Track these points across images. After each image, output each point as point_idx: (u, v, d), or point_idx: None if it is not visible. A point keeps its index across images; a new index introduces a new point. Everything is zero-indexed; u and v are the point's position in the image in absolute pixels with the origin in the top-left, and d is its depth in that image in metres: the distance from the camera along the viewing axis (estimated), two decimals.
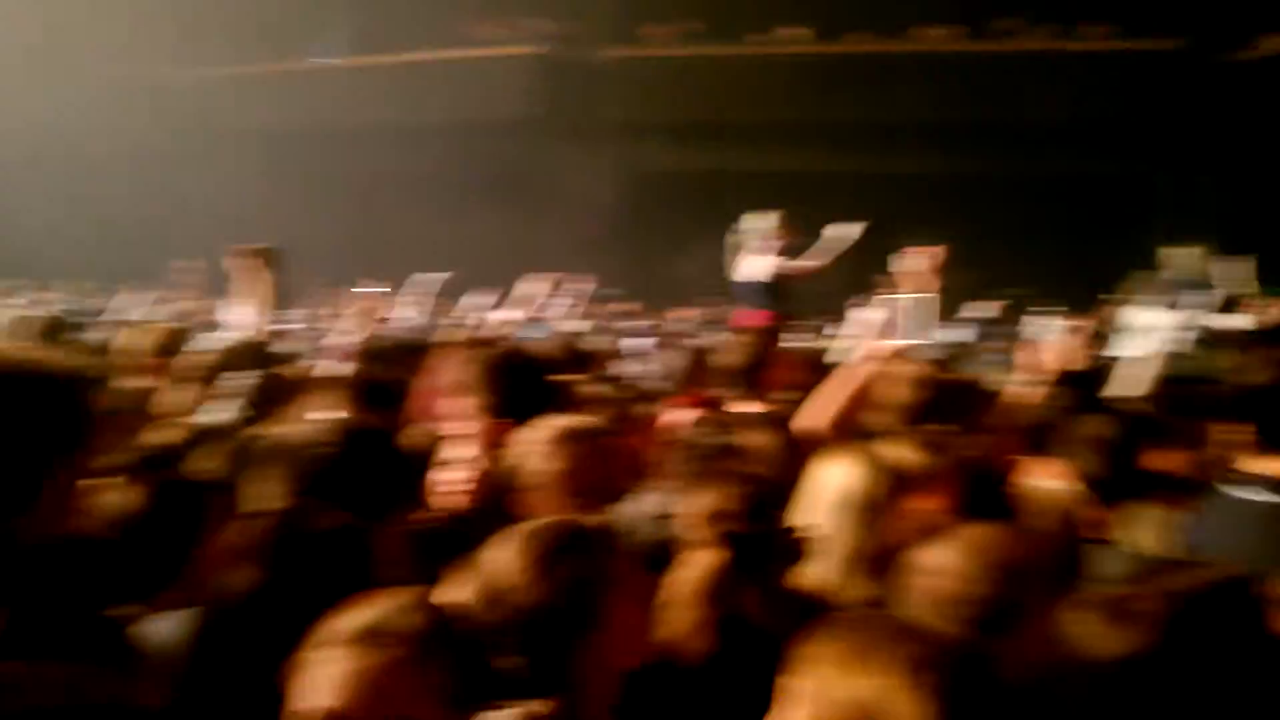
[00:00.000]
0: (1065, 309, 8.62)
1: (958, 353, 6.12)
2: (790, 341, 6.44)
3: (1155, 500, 2.58)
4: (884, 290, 4.16)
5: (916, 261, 3.84)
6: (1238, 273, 7.67)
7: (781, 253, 7.03)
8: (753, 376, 3.78)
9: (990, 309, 8.65)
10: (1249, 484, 2.10)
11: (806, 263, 7.06)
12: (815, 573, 2.25)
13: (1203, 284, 7.51)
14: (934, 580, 1.96)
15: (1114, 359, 5.43)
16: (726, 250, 7.38)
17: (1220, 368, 2.31)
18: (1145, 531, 2.47)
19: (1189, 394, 3.36)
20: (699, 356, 4.43)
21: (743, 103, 13.97)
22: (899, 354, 3.55)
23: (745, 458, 2.85)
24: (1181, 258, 7.80)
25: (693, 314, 9.18)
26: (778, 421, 3.31)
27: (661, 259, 13.05)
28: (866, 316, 3.97)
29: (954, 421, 3.47)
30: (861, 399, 3.27)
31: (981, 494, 2.46)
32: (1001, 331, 7.67)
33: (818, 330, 6.83)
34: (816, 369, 3.94)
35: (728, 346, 3.96)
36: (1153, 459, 2.84)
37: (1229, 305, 7.36)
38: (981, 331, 7.72)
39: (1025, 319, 7.81)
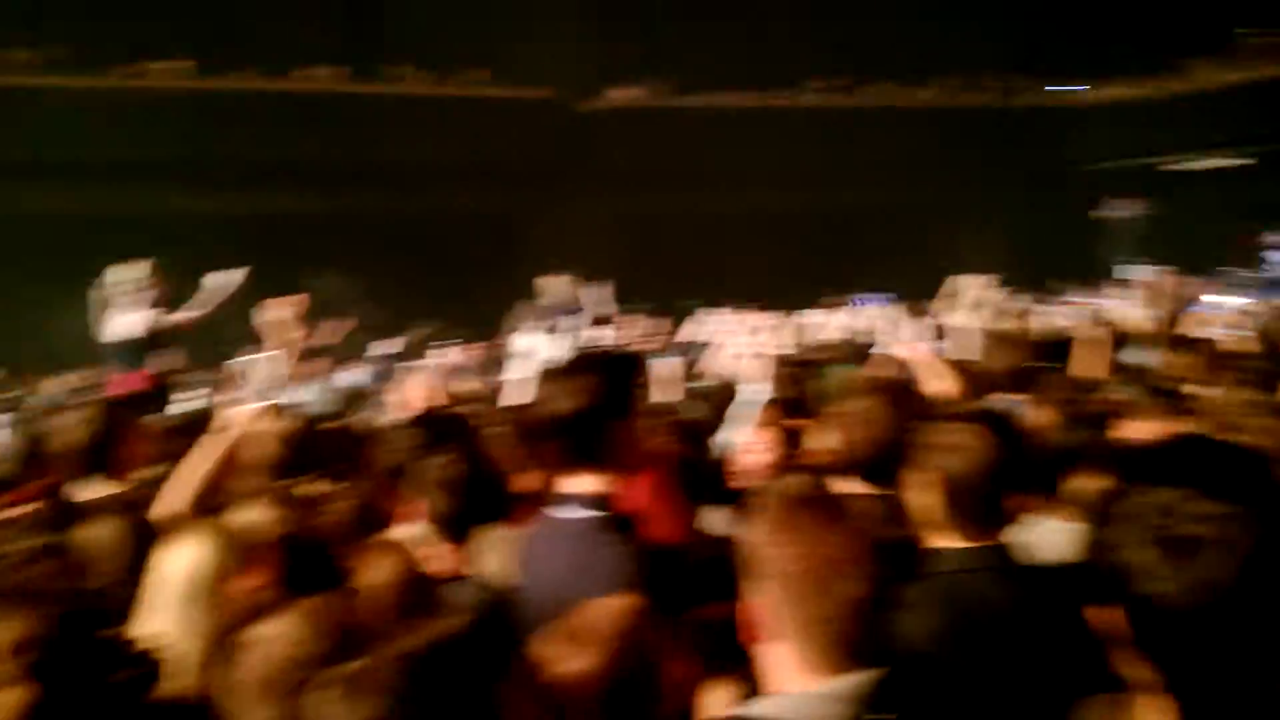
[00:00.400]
0: (465, 340, 9.13)
1: (355, 395, 6.10)
2: (175, 402, 5.94)
3: (504, 527, 2.75)
4: (257, 343, 3.97)
5: (278, 312, 3.71)
6: (600, 296, 8.74)
7: (155, 304, 6.45)
8: (102, 456, 3.36)
9: (395, 345, 8.82)
10: (565, 503, 2.31)
11: (184, 314, 6.56)
12: (167, 681, 2.02)
13: (574, 308, 8.43)
14: (267, 653, 1.87)
15: (502, 384, 5.83)
16: (93, 307, 6.58)
17: (577, 390, 2.46)
18: (495, 559, 2.62)
19: (541, 417, 3.67)
20: (43, 436, 3.84)
21: (109, 140, 12.59)
22: (265, 412, 3.39)
23: (77, 562, 2.50)
24: (554, 285, 8.67)
25: (65, 382, 8.05)
26: (130, 506, 2.98)
27: (22, 321, 11.23)
28: (240, 372, 3.75)
29: (328, 471, 3.42)
30: (226, 467, 3.06)
31: (323, 557, 2.42)
32: (405, 369, 7.85)
33: (208, 386, 6.38)
34: (186, 437, 3.61)
35: (69, 423, 3.46)
36: (511, 483, 3.05)
37: (597, 324, 8.36)
38: (384, 370, 7.83)
39: (422, 355, 8.09)
